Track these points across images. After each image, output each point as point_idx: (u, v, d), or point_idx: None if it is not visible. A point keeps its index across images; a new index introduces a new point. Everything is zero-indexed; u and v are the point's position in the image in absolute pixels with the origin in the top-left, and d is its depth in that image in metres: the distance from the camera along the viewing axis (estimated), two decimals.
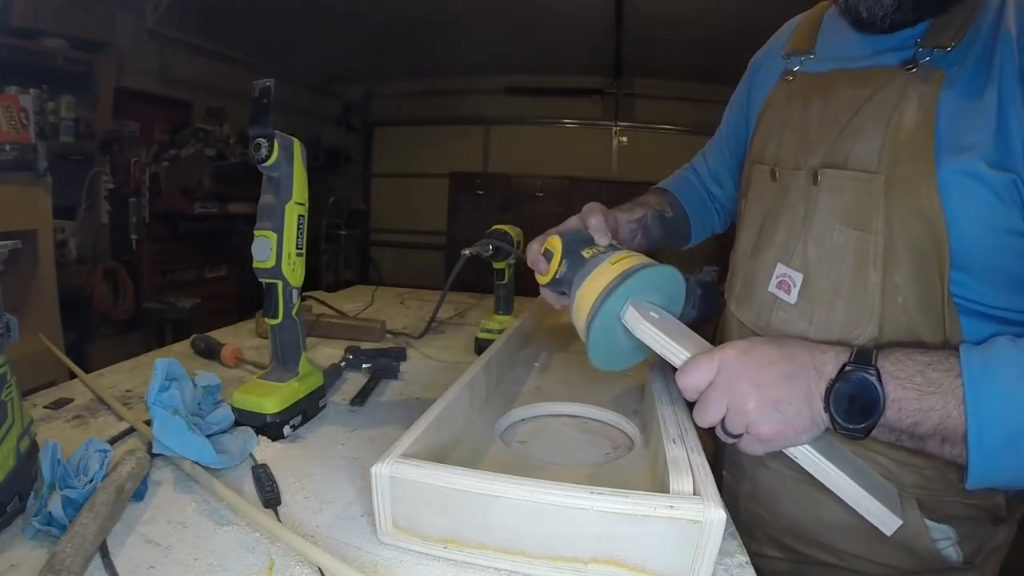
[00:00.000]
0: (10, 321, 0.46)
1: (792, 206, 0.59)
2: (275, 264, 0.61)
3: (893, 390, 0.43)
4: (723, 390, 0.46)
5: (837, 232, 0.54)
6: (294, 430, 0.63)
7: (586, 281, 0.54)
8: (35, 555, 0.41)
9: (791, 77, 0.64)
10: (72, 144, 2.28)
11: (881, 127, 0.51)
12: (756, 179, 0.67)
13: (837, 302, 0.54)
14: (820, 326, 0.55)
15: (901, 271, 0.50)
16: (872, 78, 0.53)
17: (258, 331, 1.02)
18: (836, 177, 0.54)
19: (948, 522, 0.55)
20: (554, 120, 4.18)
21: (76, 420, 0.64)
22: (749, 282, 0.65)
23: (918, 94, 0.49)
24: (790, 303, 0.58)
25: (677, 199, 0.86)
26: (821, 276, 0.55)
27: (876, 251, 0.51)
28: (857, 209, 0.52)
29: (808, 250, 0.57)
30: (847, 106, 0.55)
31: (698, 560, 0.38)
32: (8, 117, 1.87)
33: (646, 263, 0.54)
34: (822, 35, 0.63)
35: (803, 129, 0.60)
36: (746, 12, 2.42)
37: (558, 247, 0.59)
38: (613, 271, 0.53)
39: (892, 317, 0.51)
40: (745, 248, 0.67)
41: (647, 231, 0.77)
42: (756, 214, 0.66)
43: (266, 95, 0.58)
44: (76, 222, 2.34)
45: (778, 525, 0.63)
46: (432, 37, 3.39)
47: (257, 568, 0.41)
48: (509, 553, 0.41)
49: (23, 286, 1.87)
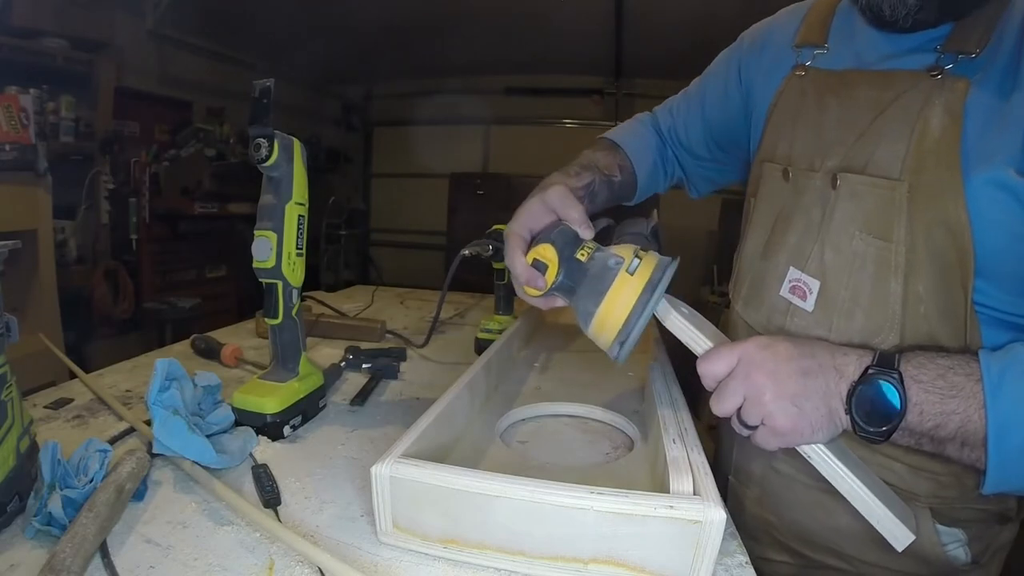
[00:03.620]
0: (10, 321, 0.46)
1: (806, 209, 0.58)
2: (275, 264, 0.61)
3: (915, 394, 0.43)
4: (741, 380, 0.46)
5: (857, 239, 0.53)
6: (294, 430, 0.63)
7: (607, 297, 0.50)
8: (35, 555, 0.41)
9: (802, 72, 0.62)
10: (72, 144, 2.28)
11: (905, 133, 0.49)
12: (767, 178, 0.64)
13: (856, 311, 0.53)
14: (840, 333, 0.54)
15: (923, 281, 0.49)
16: (893, 81, 0.52)
17: (258, 331, 1.02)
18: (856, 183, 0.53)
19: (959, 525, 0.55)
20: (554, 120, 4.18)
21: (76, 420, 0.63)
22: (758, 284, 0.63)
23: (943, 101, 0.48)
24: (807, 311, 0.57)
25: (628, 162, 0.79)
26: (840, 284, 0.54)
27: (898, 260, 0.50)
28: (878, 217, 0.51)
29: (825, 256, 0.55)
30: (867, 108, 0.53)
31: (698, 560, 0.38)
32: (8, 117, 1.87)
33: (664, 264, 0.52)
34: (835, 28, 0.61)
35: (818, 129, 0.58)
36: (746, 12, 2.42)
37: (554, 258, 0.54)
38: (638, 284, 0.50)
39: (913, 326, 0.50)
40: (754, 249, 0.65)
41: (592, 196, 0.71)
42: (767, 215, 0.64)
43: (266, 95, 0.58)
44: (76, 222, 2.34)
45: (787, 530, 0.63)
46: (432, 37, 3.39)
47: (257, 568, 0.41)
48: (509, 553, 0.41)
49: (23, 286, 1.87)
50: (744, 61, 0.73)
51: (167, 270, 2.76)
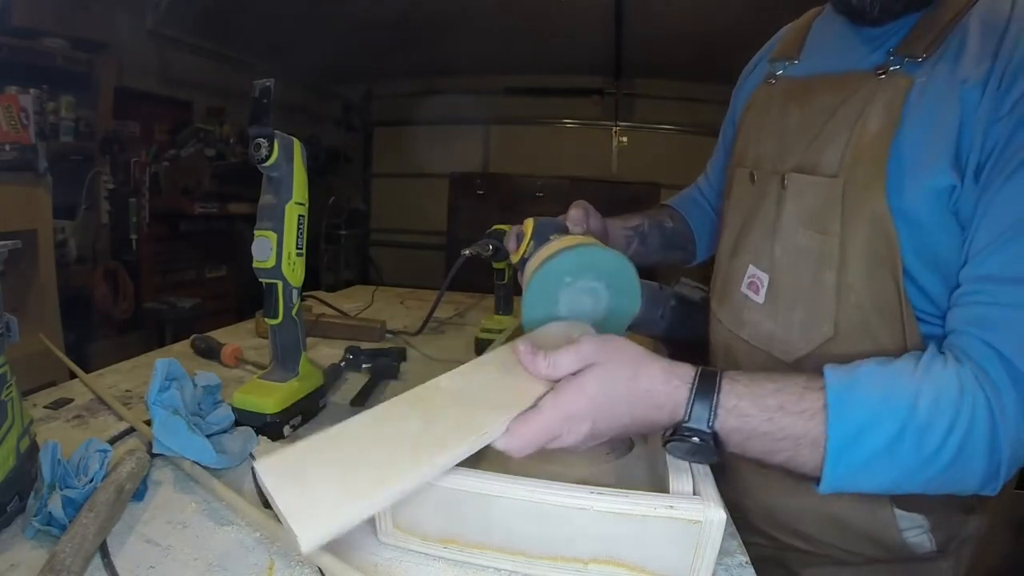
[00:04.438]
0: (10, 321, 0.46)
1: (766, 210, 0.61)
2: (275, 264, 0.61)
3: (730, 444, 0.43)
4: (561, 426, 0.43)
5: (801, 235, 0.55)
6: (294, 430, 0.63)
7: (535, 254, 0.59)
8: (35, 555, 0.41)
9: (773, 80, 0.66)
10: (72, 144, 2.28)
11: (846, 132, 0.52)
12: (737, 181, 0.68)
13: (797, 303, 0.55)
14: (784, 325, 0.56)
15: (852, 271, 0.51)
16: (846, 84, 0.54)
17: (258, 331, 1.02)
18: (802, 182, 0.56)
19: (919, 511, 0.55)
20: (554, 120, 4.17)
21: (76, 420, 0.63)
22: (726, 282, 0.66)
23: (884, 99, 0.49)
24: (758, 303, 0.60)
25: (679, 213, 0.86)
26: (785, 277, 0.57)
27: (832, 252, 0.52)
28: (818, 213, 0.53)
29: (775, 252, 0.58)
30: (822, 112, 0.55)
31: (698, 560, 0.38)
32: (8, 117, 1.86)
33: (590, 243, 0.57)
34: (809, 42, 0.64)
35: (781, 135, 0.61)
36: (746, 12, 2.42)
37: (530, 229, 0.63)
38: (559, 245, 0.56)
39: (847, 317, 0.52)
40: (725, 249, 0.68)
41: (644, 238, 0.77)
42: (736, 216, 0.67)
43: (266, 95, 0.58)
44: (76, 222, 2.33)
45: (759, 514, 0.64)
46: (432, 37, 3.39)
47: (257, 568, 0.41)
48: (509, 553, 0.41)
49: (23, 286, 1.87)
50: (739, 86, 0.77)
51: (167, 270, 2.76)
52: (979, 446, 0.40)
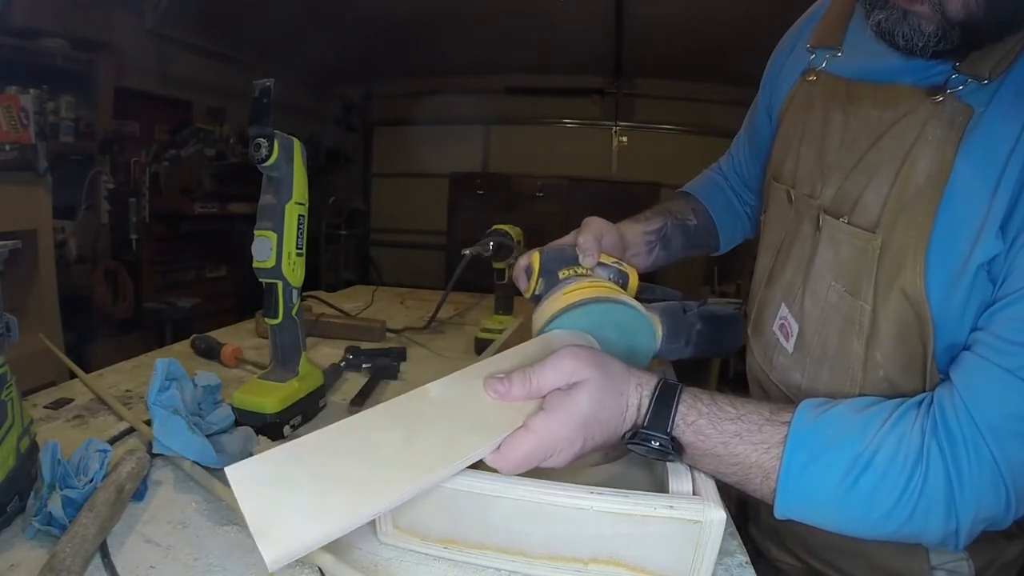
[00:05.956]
0: (10, 321, 0.46)
1: (802, 242, 0.57)
2: (275, 264, 0.61)
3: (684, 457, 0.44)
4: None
5: (832, 289, 0.52)
6: (294, 430, 0.63)
7: (539, 307, 0.56)
8: (35, 555, 0.41)
9: (813, 77, 0.58)
10: (72, 144, 2.28)
11: (891, 168, 0.46)
12: (774, 199, 0.63)
13: (824, 362, 0.53)
14: (810, 380, 0.55)
15: (882, 344, 0.48)
16: (895, 100, 0.47)
17: (258, 331, 1.02)
18: (837, 230, 0.51)
19: None
20: (554, 120, 4.18)
21: (76, 420, 0.64)
22: (761, 310, 0.64)
23: (937, 138, 0.43)
24: (788, 351, 0.58)
25: (702, 205, 0.80)
26: (813, 333, 0.54)
27: (862, 320, 0.49)
28: (851, 269, 0.50)
29: (806, 301, 0.55)
30: (866, 130, 0.50)
31: (698, 560, 0.38)
32: (8, 117, 1.86)
33: (597, 298, 0.53)
34: (852, 27, 0.56)
35: (821, 148, 0.56)
36: (746, 12, 2.42)
37: (536, 266, 0.59)
38: (565, 300, 0.53)
39: (873, 386, 0.49)
40: (762, 271, 0.64)
41: (666, 242, 0.72)
42: (773, 235, 0.63)
43: (266, 95, 0.58)
44: (76, 222, 2.33)
45: (791, 536, 0.63)
46: (432, 37, 3.39)
47: (257, 568, 0.41)
48: (509, 553, 0.41)
49: (23, 286, 1.87)
50: (772, 67, 0.70)
51: (167, 270, 2.76)
52: (935, 510, 0.40)
